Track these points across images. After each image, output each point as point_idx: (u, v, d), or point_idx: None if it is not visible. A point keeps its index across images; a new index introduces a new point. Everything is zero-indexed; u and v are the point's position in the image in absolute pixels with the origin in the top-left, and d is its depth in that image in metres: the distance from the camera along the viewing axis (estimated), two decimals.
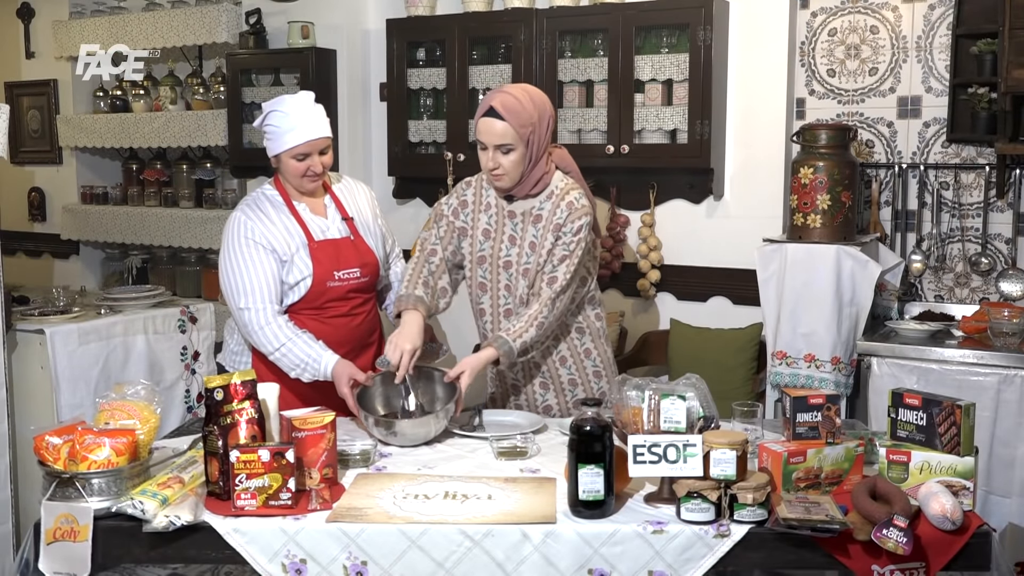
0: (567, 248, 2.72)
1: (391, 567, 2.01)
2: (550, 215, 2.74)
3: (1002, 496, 3.18)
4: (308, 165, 2.79)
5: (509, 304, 2.84)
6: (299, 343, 2.72)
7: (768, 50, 3.97)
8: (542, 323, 2.70)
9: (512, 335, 2.67)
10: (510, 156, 2.66)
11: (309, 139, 2.75)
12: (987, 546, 2.01)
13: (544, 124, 2.70)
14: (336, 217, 2.91)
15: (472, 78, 4.34)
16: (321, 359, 2.71)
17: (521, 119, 2.63)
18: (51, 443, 2.15)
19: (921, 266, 3.86)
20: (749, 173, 4.03)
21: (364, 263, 2.89)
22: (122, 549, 2.08)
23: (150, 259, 5.54)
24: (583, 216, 2.72)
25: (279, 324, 2.74)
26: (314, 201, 2.91)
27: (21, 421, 3.48)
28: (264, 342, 2.74)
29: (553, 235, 2.73)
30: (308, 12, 4.73)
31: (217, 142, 5.02)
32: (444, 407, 2.60)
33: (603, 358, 2.92)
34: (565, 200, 2.73)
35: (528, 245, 2.77)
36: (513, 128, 2.62)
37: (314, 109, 2.78)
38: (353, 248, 2.89)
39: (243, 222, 2.80)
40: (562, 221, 2.72)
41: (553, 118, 2.76)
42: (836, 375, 3.44)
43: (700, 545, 1.99)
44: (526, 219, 2.78)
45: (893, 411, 2.20)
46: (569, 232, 2.72)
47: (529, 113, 2.65)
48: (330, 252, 2.84)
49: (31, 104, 5.86)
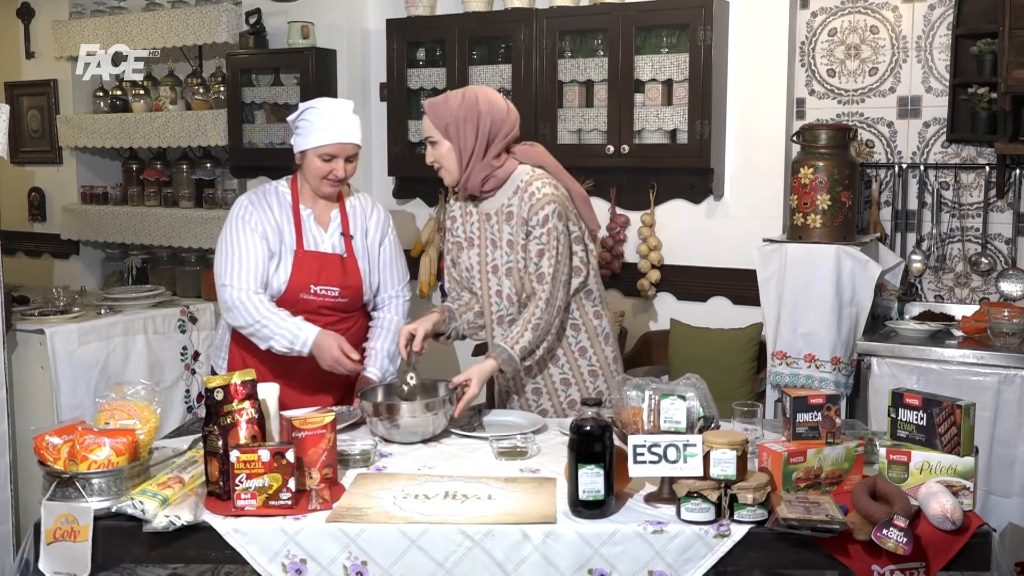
0: (540, 241, 2.71)
1: (391, 567, 2.01)
2: (518, 209, 2.75)
3: (1002, 496, 3.18)
4: (332, 168, 2.80)
5: (501, 310, 2.84)
6: (275, 319, 2.75)
7: (768, 50, 3.97)
8: (537, 324, 2.70)
9: (509, 342, 2.69)
10: (438, 149, 2.75)
11: (340, 141, 2.78)
12: (987, 546, 2.01)
13: (470, 124, 2.71)
14: (336, 232, 2.91)
15: (472, 78, 4.34)
16: (301, 331, 2.73)
17: (439, 113, 2.73)
18: (51, 443, 2.15)
19: (921, 266, 3.86)
20: (749, 173, 4.03)
21: (346, 284, 2.89)
22: (122, 549, 2.08)
23: (150, 259, 5.53)
24: (546, 205, 2.70)
25: (258, 300, 2.77)
26: (321, 209, 2.91)
27: (21, 421, 3.48)
28: (239, 316, 2.77)
29: (523, 229, 2.74)
30: (308, 12, 4.73)
31: (217, 142, 5.02)
32: (444, 407, 2.60)
33: (600, 357, 2.88)
34: (527, 191, 2.74)
35: (506, 244, 2.78)
36: (431, 120, 2.74)
37: (351, 116, 2.83)
38: (341, 267, 2.89)
39: (245, 206, 2.86)
40: (526, 213, 2.72)
41: (492, 122, 2.72)
42: (836, 375, 3.44)
43: (700, 545, 1.99)
44: (499, 218, 2.79)
45: (893, 411, 2.20)
46: (537, 224, 2.71)
47: (449, 110, 2.72)
48: (313, 265, 2.85)
49: (31, 104, 5.86)
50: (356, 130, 2.84)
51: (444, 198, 4.43)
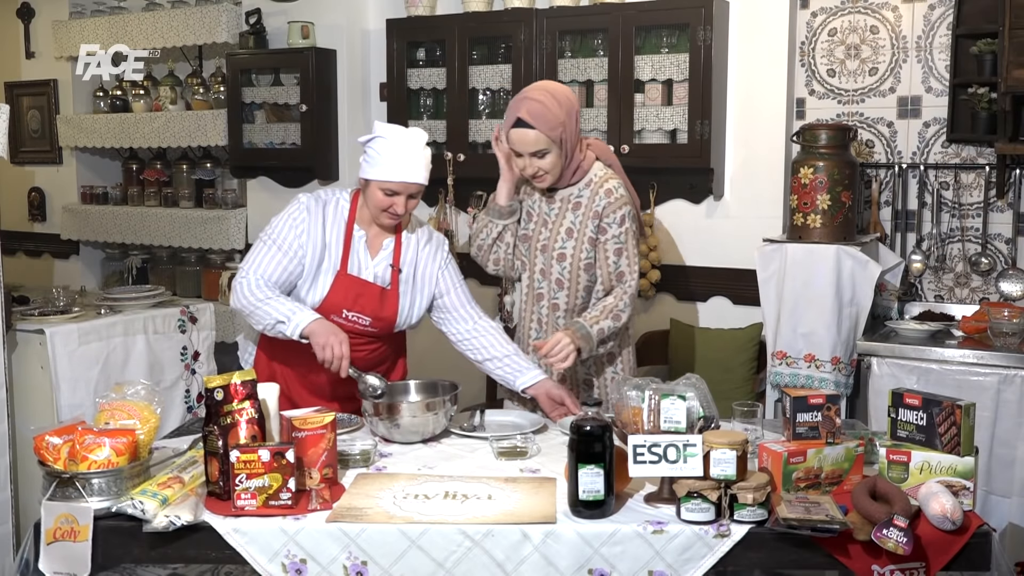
0: (618, 240, 2.81)
1: (391, 567, 2.01)
2: (589, 202, 2.82)
3: (1002, 496, 3.18)
4: (392, 203, 2.69)
5: (542, 288, 2.89)
6: (274, 303, 2.65)
7: (768, 50, 3.97)
8: (618, 315, 2.79)
9: (589, 321, 2.75)
10: (547, 159, 2.76)
11: (404, 180, 2.67)
12: (987, 546, 2.01)
13: (572, 119, 2.78)
14: (385, 262, 2.80)
15: (472, 78, 4.34)
16: (295, 313, 2.62)
17: (550, 123, 2.71)
18: (51, 443, 2.15)
19: (921, 266, 3.86)
20: (749, 173, 4.03)
21: (380, 316, 2.79)
22: (122, 549, 2.08)
23: (150, 259, 5.54)
24: (623, 205, 2.81)
25: (264, 285, 2.68)
26: (375, 235, 2.81)
27: (21, 421, 3.47)
28: (238, 297, 2.68)
29: (593, 222, 2.81)
30: (308, 12, 4.73)
31: (217, 142, 5.02)
32: (444, 406, 2.60)
33: (626, 364, 2.94)
34: (604, 188, 2.82)
35: (564, 231, 2.84)
36: (544, 134, 2.71)
37: (421, 151, 2.70)
38: (379, 298, 2.78)
39: (302, 210, 2.75)
40: (601, 209, 2.80)
41: (578, 109, 2.85)
42: (836, 375, 3.44)
43: (700, 545, 1.99)
44: (565, 204, 2.86)
45: (893, 411, 2.20)
46: (614, 223, 2.80)
47: (556, 115, 2.72)
48: (352, 290, 2.76)
49: (31, 104, 5.86)
50: (423, 169, 2.70)
51: (444, 198, 4.44)
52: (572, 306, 2.88)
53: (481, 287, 4.45)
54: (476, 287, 4.47)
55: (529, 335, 2.96)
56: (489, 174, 4.39)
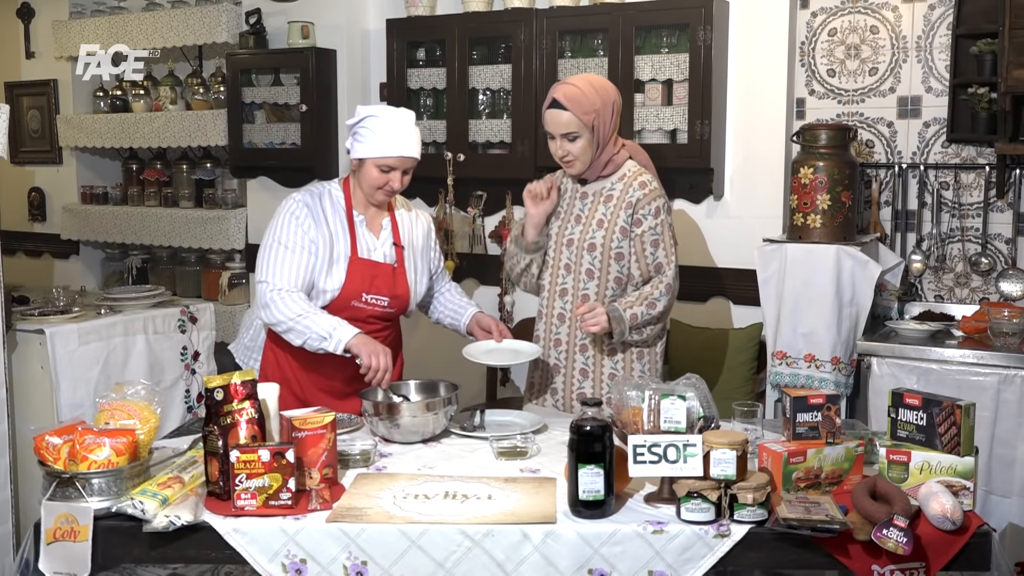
0: (655, 232, 2.85)
1: (391, 567, 2.01)
2: (622, 194, 2.86)
3: (1002, 496, 3.18)
4: (388, 179, 2.77)
5: (566, 284, 2.90)
6: (312, 316, 2.66)
7: (768, 50, 3.97)
8: (653, 303, 2.81)
9: (623, 305, 2.78)
10: (577, 143, 2.81)
11: (401, 155, 2.75)
12: (987, 546, 2.01)
13: (608, 109, 2.83)
14: (388, 241, 2.89)
15: (472, 78, 4.34)
16: (336, 330, 2.64)
17: (584, 107, 2.77)
18: (51, 443, 2.15)
19: (921, 266, 3.86)
20: (749, 173, 4.03)
21: (396, 295, 2.87)
22: (122, 549, 2.08)
23: (150, 259, 5.54)
24: (657, 198, 2.86)
25: (296, 296, 2.69)
26: (372, 216, 2.88)
27: (21, 421, 3.47)
28: (273, 312, 2.68)
29: (626, 212, 2.83)
30: (308, 12, 4.73)
31: (217, 142, 5.02)
32: (444, 406, 2.60)
33: (652, 364, 2.93)
34: (638, 180, 2.86)
35: (596, 223, 2.86)
36: (577, 116, 2.77)
37: (412, 128, 2.79)
38: (392, 277, 2.86)
39: (300, 206, 2.79)
40: (635, 201, 2.83)
41: (619, 103, 2.89)
42: (836, 375, 3.44)
43: (700, 545, 1.99)
44: (597, 198, 2.89)
45: (893, 411, 2.20)
46: (649, 215, 2.84)
47: (591, 100, 2.78)
48: (367, 273, 2.81)
49: (31, 104, 5.86)
50: (416, 144, 2.79)
51: (444, 197, 4.44)
52: (602, 297, 2.87)
53: (481, 287, 4.45)
54: (476, 287, 4.47)
55: (551, 331, 2.95)
56: (489, 174, 4.42)
